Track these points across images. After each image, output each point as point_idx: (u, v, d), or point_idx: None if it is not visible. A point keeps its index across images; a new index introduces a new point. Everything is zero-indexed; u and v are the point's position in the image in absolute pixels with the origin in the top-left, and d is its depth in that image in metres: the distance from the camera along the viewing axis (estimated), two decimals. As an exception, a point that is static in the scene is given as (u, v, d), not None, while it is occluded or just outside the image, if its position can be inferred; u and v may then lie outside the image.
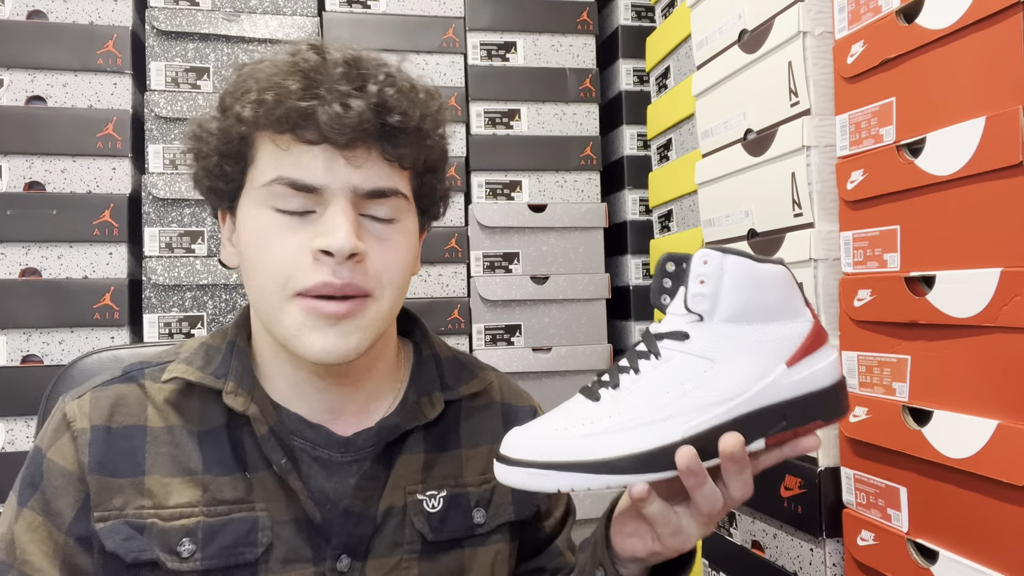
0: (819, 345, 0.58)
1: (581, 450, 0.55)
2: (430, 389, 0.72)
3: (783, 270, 0.58)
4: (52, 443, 0.65)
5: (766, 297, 0.57)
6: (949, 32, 0.67)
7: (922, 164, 0.70)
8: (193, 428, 0.66)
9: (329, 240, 0.60)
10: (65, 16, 1.35)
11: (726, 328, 0.56)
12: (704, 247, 0.57)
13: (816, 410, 0.57)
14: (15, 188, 1.30)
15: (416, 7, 1.50)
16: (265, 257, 0.62)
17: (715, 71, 1.07)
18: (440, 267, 1.48)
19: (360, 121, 0.60)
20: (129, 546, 0.62)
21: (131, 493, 0.63)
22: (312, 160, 0.61)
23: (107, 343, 1.31)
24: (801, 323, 0.58)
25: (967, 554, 0.66)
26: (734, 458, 0.55)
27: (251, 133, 0.64)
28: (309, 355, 0.62)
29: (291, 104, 0.60)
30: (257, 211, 0.63)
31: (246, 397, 0.66)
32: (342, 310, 0.61)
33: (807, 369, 0.57)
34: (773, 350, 0.57)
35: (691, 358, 0.57)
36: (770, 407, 0.56)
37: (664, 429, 0.55)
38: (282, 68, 0.63)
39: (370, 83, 0.63)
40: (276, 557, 0.64)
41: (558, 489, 0.55)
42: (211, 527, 0.63)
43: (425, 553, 0.68)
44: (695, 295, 0.57)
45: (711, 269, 0.56)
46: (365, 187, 0.63)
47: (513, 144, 1.53)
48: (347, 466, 0.67)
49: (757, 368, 0.56)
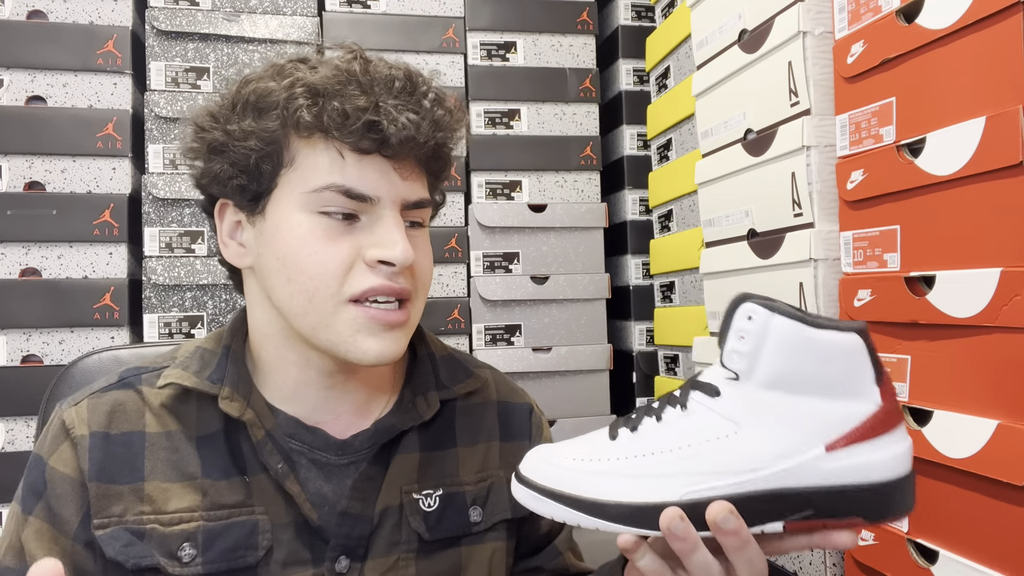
0: (882, 432, 0.50)
1: (581, 486, 0.53)
2: (426, 389, 0.73)
3: (851, 339, 0.50)
4: (53, 451, 0.65)
5: (819, 367, 0.50)
6: (949, 32, 0.67)
7: (922, 164, 0.70)
8: (191, 433, 0.66)
9: (391, 252, 0.62)
10: (65, 16, 1.35)
11: (762, 394, 0.51)
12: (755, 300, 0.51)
13: (856, 506, 0.50)
14: (15, 188, 1.30)
15: (416, 7, 1.50)
16: (315, 263, 0.62)
17: (715, 71, 1.07)
18: (440, 267, 1.48)
19: (424, 138, 0.63)
20: (129, 552, 0.62)
21: (131, 499, 0.63)
22: (367, 170, 0.63)
23: (107, 343, 1.31)
24: (861, 404, 0.50)
25: (967, 554, 0.67)
26: (721, 531, 0.50)
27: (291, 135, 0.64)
28: (364, 358, 0.63)
29: (360, 116, 0.61)
30: (302, 216, 0.63)
31: (242, 402, 0.66)
32: (400, 319, 0.64)
33: (855, 458, 0.50)
34: (812, 428, 0.50)
35: (715, 417, 0.52)
36: (792, 491, 0.50)
37: (665, 486, 0.51)
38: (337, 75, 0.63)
39: (424, 100, 0.65)
40: (276, 560, 0.64)
41: (553, 518, 0.53)
42: (211, 531, 0.63)
43: (422, 552, 0.68)
44: (731, 351, 0.51)
45: (754, 326, 0.50)
46: (412, 199, 0.65)
47: (513, 144, 1.53)
48: (344, 468, 0.68)
49: (786, 444, 0.50)
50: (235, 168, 0.65)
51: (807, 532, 0.51)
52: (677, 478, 0.51)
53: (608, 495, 0.52)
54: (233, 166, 0.65)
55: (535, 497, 0.54)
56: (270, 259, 0.64)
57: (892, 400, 0.51)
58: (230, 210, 0.68)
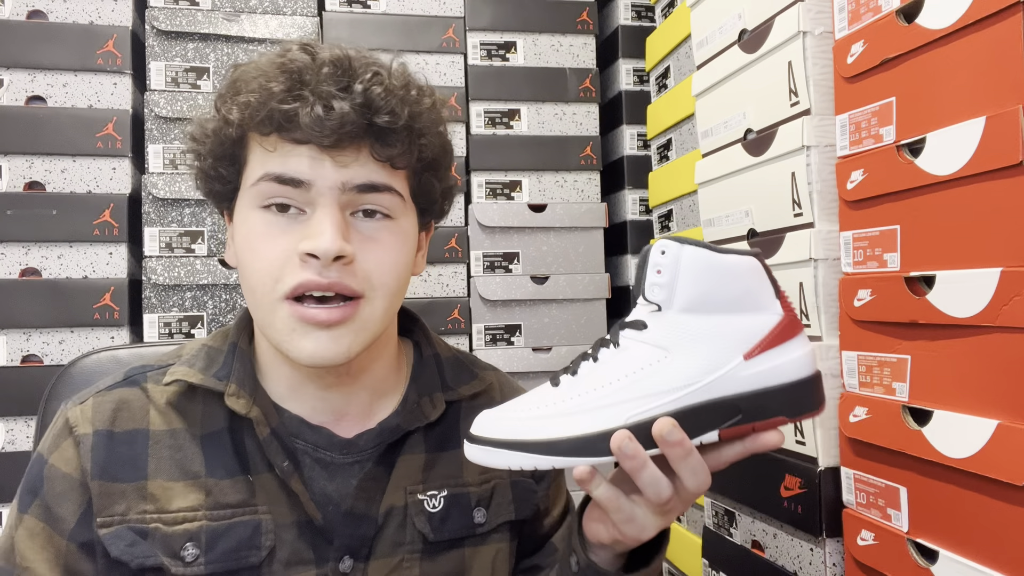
0: (787, 338, 0.57)
1: (531, 431, 0.56)
2: (431, 390, 0.72)
3: (749, 261, 0.57)
4: (54, 449, 0.65)
5: (727, 288, 0.56)
6: (949, 32, 0.67)
7: (922, 164, 0.70)
8: (196, 431, 0.66)
9: (315, 243, 0.59)
10: (65, 16, 1.35)
11: (683, 318, 0.56)
12: (666, 237, 0.58)
13: (778, 405, 0.56)
14: (15, 188, 1.30)
15: (416, 7, 1.50)
16: (255, 259, 0.62)
17: (715, 71, 1.07)
18: (440, 267, 1.48)
19: (343, 123, 0.60)
20: (133, 552, 0.62)
21: (134, 498, 0.63)
22: (297, 158, 0.61)
23: (107, 343, 1.31)
24: (767, 315, 0.57)
25: (967, 554, 0.66)
26: (667, 442, 0.54)
27: (242, 135, 0.64)
28: (301, 359, 0.62)
29: (273, 106, 0.60)
30: (249, 212, 0.64)
31: (248, 399, 0.65)
32: (333, 317, 0.61)
33: (769, 362, 0.56)
34: (730, 342, 0.56)
35: (646, 347, 0.57)
36: (722, 399, 0.56)
37: (608, 415, 0.56)
38: (269, 69, 0.62)
39: (356, 83, 0.62)
40: (279, 560, 0.64)
41: (508, 467, 0.56)
42: (214, 531, 0.63)
43: (426, 553, 0.68)
44: (652, 284, 0.57)
45: (667, 259, 0.56)
46: (355, 181, 0.62)
47: (513, 144, 1.52)
48: (349, 467, 0.67)
49: (710, 359, 0.56)
50: (202, 172, 0.67)
51: (740, 438, 0.57)
52: (620, 406, 0.56)
53: (558, 433, 0.56)
54: (201, 170, 0.67)
55: (488, 451, 0.57)
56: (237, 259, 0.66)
57: (790, 310, 0.58)
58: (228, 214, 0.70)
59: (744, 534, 1.00)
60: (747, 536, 0.99)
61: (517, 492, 0.74)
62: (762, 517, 0.96)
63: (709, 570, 1.08)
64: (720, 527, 1.06)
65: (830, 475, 0.84)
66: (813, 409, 0.58)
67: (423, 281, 1.48)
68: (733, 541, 1.02)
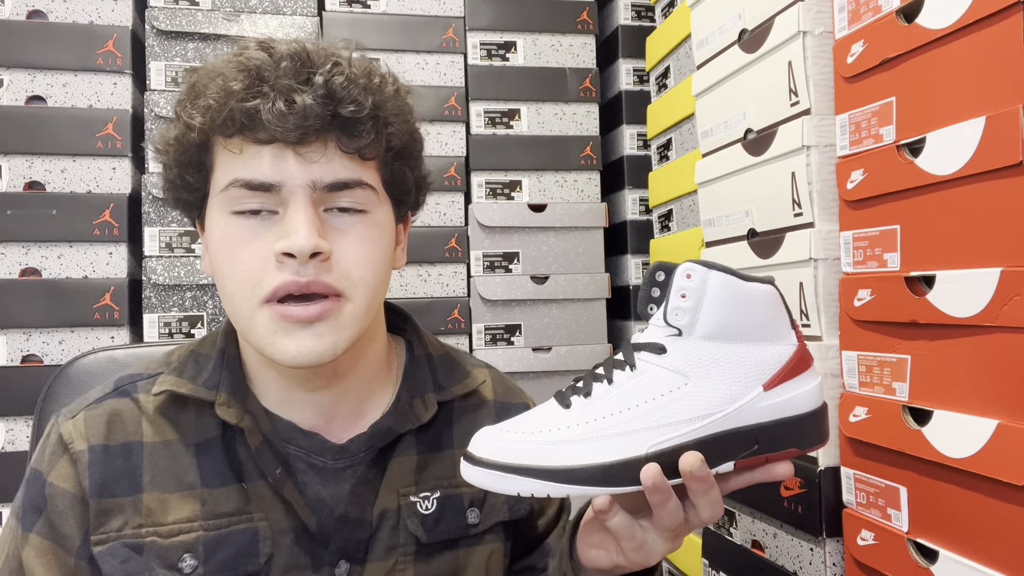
0: (801, 370, 0.57)
1: (545, 456, 0.54)
2: (423, 390, 0.72)
3: (770, 290, 0.56)
4: (52, 466, 0.64)
5: (749, 317, 0.56)
6: (949, 32, 0.67)
7: (922, 164, 0.70)
8: (189, 441, 0.65)
9: (289, 241, 0.58)
10: (65, 16, 1.35)
11: (704, 345, 0.56)
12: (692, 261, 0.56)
13: (792, 437, 0.56)
14: (15, 188, 1.30)
15: (416, 7, 1.50)
16: (230, 266, 0.61)
17: (715, 71, 1.07)
18: (440, 267, 1.48)
19: (306, 116, 0.58)
20: (127, 568, 0.61)
21: (130, 512, 0.63)
22: (265, 159, 0.60)
23: (107, 343, 1.31)
24: (784, 346, 0.57)
25: (967, 554, 0.66)
26: (694, 477, 0.53)
27: (206, 140, 0.62)
28: (285, 360, 0.60)
29: (234, 106, 0.58)
30: (220, 218, 0.62)
31: (239, 408, 0.65)
32: (312, 313, 0.60)
33: (785, 394, 0.56)
34: (751, 372, 0.56)
35: (666, 372, 0.56)
36: (742, 430, 0.55)
37: (629, 443, 0.54)
38: (227, 69, 0.61)
39: (316, 75, 0.60)
40: (277, 566, 0.63)
41: (518, 493, 0.54)
42: (211, 541, 0.63)
43: (420, 555, 0.68)
44: (675, 308, 0.56)
45: (694, 283, 0.55)
46: (324, 180, 0.61)
47: (513, 144, 1.52)
48: (342, 472, 0.67)
49: (732, 389, 0.55)
50: (168, 182, 0.66)
51: (751, 468, 0.57)
52: (640, 434, 0.54)
53: (575, 460, 0.54)
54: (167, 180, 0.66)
55: (495, 475, 0.54)
56: (213, 266, 0.64)
57: (803, 340, 0.58)
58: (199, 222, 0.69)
59: (744, 534, 1.00)
60: (747, 536, 0.99)
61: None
62: (762, 517, 0.96)
63: (709, 570, 1.08)
64: (720, 527, 1.06)
65: (830, 475, 0.84)
66: (820, 442, 0.57)
67: (423, 281, 1.48)
68: (733, 541, 1.02)
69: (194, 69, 0.65)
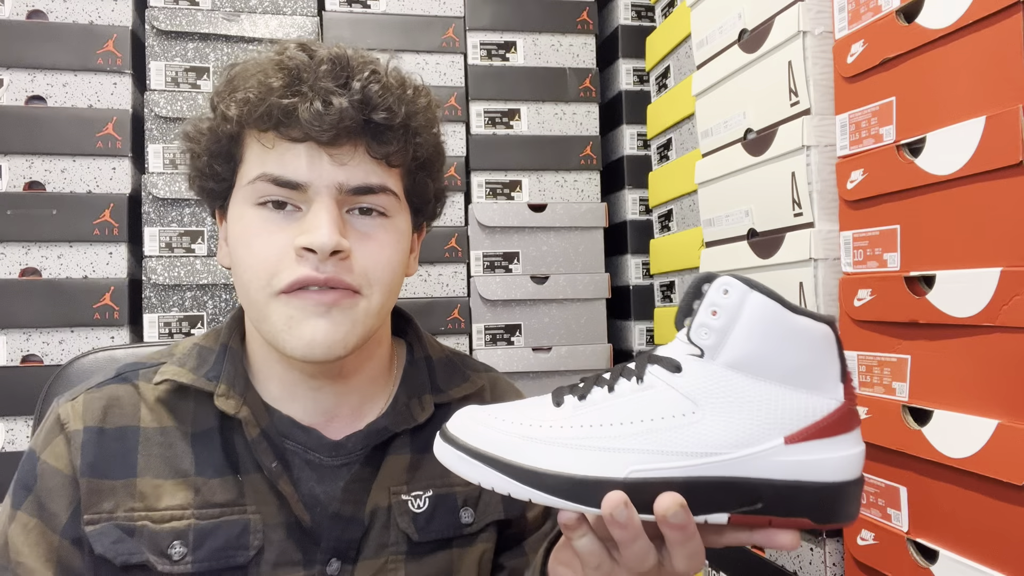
0: (840, 431, 0.48)
1: (517, 451, 0.49)
2: (420, 392, 0.72)
3: (824, 331, 0.48)
4: (46, 445, 0.65)
5: (789, 354, 0.48)
6: (949, 32, 0.67)
7: (922, 164, 0.70)
8: (186, 429, 0.66)
9: (312, 237, 0.59)
10: (65, 16, 1.35)
11: (726, 374, 0.48)
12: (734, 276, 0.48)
13: (807, 505, 0.47)
14: (15, 188, 1.30)
15: (416, 7, 1.50)
16: (250, 255, 0.62)
17: (715, 71, 1.07)
18: (440, 267, 1.48)
19: (341, 118, 0.60)
20: (118, 549, 0.62)
21: (122, 495, 0.63)
22: (295, 157, 0.61)
23: (107, 343, 1.31)
24: (825, 399, 0.48)
25: (967, 554, 0.66)
26: (668, 524, 0.47)
27: (239, 132, 0.64)
28: (298, 348, 0.61)
29: (273, 101, 0.60)
30: (244, 209, 0.64)
31: (238, 400, 0.65)
32: (329, 299, 0.61)
33: (813, 454, 0.47)
34: (775, 418, 0.47)
35: (673, 394, 0.49)
36: (745, 481, 0.47)
37: (610, 460, 0.48)
38: (268, 66, 0.63)
39: (354, 80, 0.62)
40: (267, 560, 0.64)
41: (479, 483, 0.49)
42: (202, 530, 0.63)
43: (412, 554, 0.68)
44: (701, 326, 0.49)
45: (729, 301, 0.48)
46: (351, 183, 0.62)
47: (513, 144, 1.52)
48: (337, 469, 0.67)
49: (746, 432, 0.47)
50: (196, 170, 0.67)
51: (750, 528, 0.49)
52: (625, 454, 0.48)
53: (547, 464, 0.48)
54: (195, 169, 0.67)
55: (462, 458, 0.50)
56: (231, 256, 0.66)
57: (853, 400, 0.49)
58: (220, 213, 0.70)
59: (744, 534, 1.00)
60: (747, 536, 0.99)
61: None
62: (762, 517, 0.96)
63: (709, 570, 1.08)
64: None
65: (830, 475, 0.84)
66: (846, 520, 0.49)
67: (423, 281, 1.48)
68: (733, 541, 1.02)
69: (233, 64, 0.66)
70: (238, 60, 0.68)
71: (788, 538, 0.49)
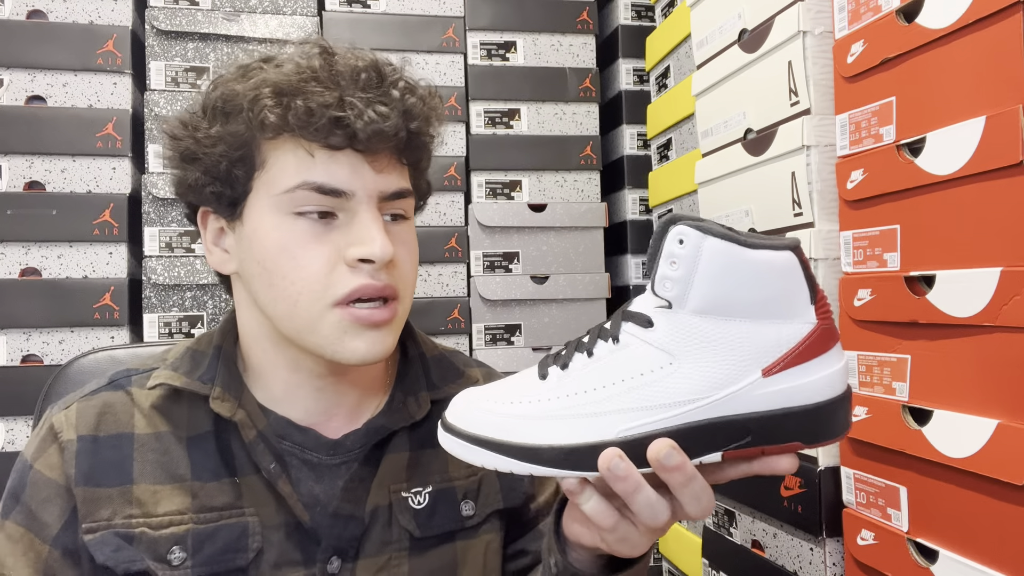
0: (818, 352, 0.49)
1: (512, 431, 0.50)
2: (417, 389, 0.72)
3: (786, 258, 0.48)
4: (39, 455, 0.65)
5: (753, 290, 0.48)
6: (949, 32, 0.67)
7: (922, 164, 0.70)
8: (181, 434, 0.66)
9: (369, 248, 0.61)
10: (65, 16, 1.35)
11: (695, 321, 0.48)
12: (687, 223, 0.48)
13: (795, 429, 0.48)
14: (15, 188, 1.30)
15: (416, 7, 1.50)
16: (296, 267, 0.62)
17: (715, 71, 1.07)
18: (440, 267, 1.48)
19: (396, 130, 0.62)
20: (119, 557, 0.61)
21: (119, 502, 0.63)
22: (339, 166, 0.62)
23: (107, 343, 1.31)
24: (796, 324, 0.48)
25: (967, 554, 0.66)
26: (664, 467, 0.48)
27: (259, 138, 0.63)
28: (352, 359, 0.63)
29: (324, 112, 0.60)
30: (278, 218, 0.62)
31: (233, 402, 0.65)
32: (386, 316, 0.63)
33: (792, 381, 0.48)
34: (748, 354, 0.48)
35: (649, 349, 0.49)
36: (731, 419, 0.48)
37: (598, 425, 0.49)
38: (300, 72, 0.62)
39: (392, 90, 0.64)
40: (267, 562, 0.64)
41: (482, 466, 0.51)
42: (201, 534, 0.63)
43: (414, 550, 0.68)
44: (663, 278, 0.49)
45: (685, 250, 0.48)
46: (389, 190, 0.64)
47: (513, 144, 1.52)
48: (336, 468, 0.67)
49: (722, 373, 0.48)
50: (208, 175, 0.65)
51: (746, 460, 0.50)
52: (612, 416, 0.49)
53: (541, 439, 0.49)
54: (206, 173, 0.65)
55: (464, 446, 0.51)
56: (252, 264, 0.64)
57: (827, 318, 0.49)
58: (212, 217, 0.68)
59: (744, 534, 1.00)
60: (747, 536, 0.99)
61: (504, 481, 0.74)
62: (762, 517, 0.96)
63: (709, 570, 1.08)
64: (720, 527, 1.06)
65: (830, 475, 0.84)
66: (836, 435, 0.50)
67: (423, 281, 1.48)
68: (733, 541, 1.02)
69: (244, 66, 0.66)
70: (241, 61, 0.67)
71: (785, 462, 0.50)
